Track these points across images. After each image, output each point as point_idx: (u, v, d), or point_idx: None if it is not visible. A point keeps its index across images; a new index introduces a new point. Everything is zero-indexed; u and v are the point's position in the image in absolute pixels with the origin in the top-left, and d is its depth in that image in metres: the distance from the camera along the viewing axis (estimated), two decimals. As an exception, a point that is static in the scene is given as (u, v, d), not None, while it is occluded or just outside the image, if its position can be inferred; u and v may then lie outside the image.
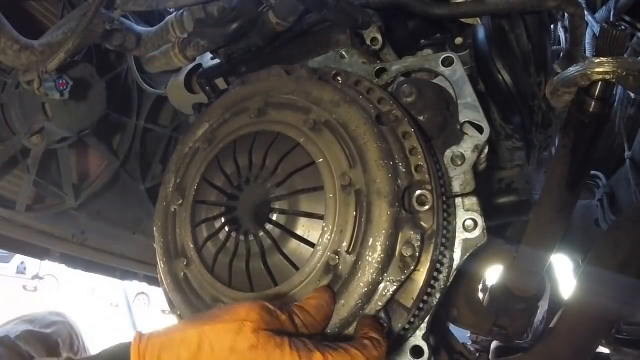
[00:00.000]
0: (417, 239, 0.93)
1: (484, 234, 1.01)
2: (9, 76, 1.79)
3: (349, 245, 0.94)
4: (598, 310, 1.24)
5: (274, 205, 1.02)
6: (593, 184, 2.49)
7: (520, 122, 1.38)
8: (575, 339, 1.26)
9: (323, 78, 1.14)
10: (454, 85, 1.11)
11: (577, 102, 0.88)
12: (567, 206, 1.08)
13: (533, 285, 1.27)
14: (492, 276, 1.35)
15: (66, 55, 1.43)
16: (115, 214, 2.33)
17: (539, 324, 1.44)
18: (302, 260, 0.97)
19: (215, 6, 1.51)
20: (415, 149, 1.01)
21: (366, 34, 1.26)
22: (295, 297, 0.96)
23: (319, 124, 1.02)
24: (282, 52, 1.34)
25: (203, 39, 1.41)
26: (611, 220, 2.28)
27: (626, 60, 0.78)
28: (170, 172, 1.24)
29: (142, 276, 2.83)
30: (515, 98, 1.31)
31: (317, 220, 0.98)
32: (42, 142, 1.83)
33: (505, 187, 1.49)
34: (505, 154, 1.46)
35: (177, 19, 1.59)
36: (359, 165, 0.97)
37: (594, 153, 0.96)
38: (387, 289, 0.94)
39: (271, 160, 1.05)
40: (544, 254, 1.18)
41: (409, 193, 0.98)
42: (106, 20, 1.59)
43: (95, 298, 14.21)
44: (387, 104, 1.06)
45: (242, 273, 1.03)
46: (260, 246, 1.01)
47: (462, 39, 1.38)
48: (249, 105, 1.14)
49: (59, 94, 1.52)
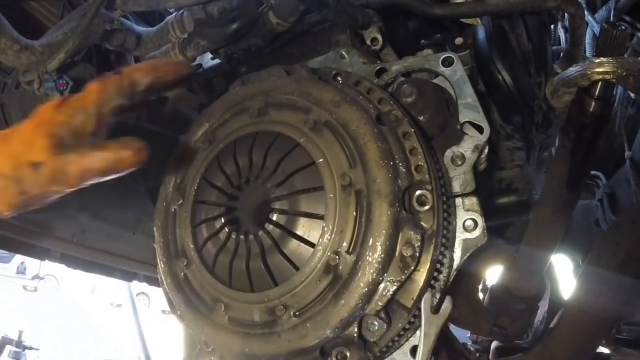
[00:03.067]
0: (417, 239, 0.93)
1: (484, 234, 1.01)
2: (9, 76, 1.78)
3: (349, 245, 0.94)
4: (598, 310, 1.24)
5: (274, 205, 1.02)
6: (593, 184, 2.49)
7: (520, 122, 1.38)
8: (575, 339, 1.26)
9: (323, 78, 1.14)
10: (454, 85, 1.11)
11: (577, 102, 0.88)
12: (567, 206, 1.08)
13: (533, 285, 1.27)
14: (492, 276, 1.35)
15: (66, 55, 1.43)
16: (115, 214, 2.32)
17: (539, 324, 1.44)
18: (302, 260, 0.97)
19: (215, 6, 1.51)
20: (415, 149, 1.01)
21: (366, 34, 1.26)
22: (295, 297, 0.96)
23: (319, 124, 1.02)
24: (282, 52, 1.35)
25: (203, 39, 1.41)
26: (611, 220, 2.28)
27: (626, 60, 0.78)
28: (170, 172, 1.24)
29: (142, 276, 2.82)
30: (515, 98, 1.31)
31: (317, 220, 0.98)
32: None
33: (505, 187, 1.49)
34: (505, 154, 1.46)
35: (177, 19, 1.59)
36: (359, 165, 0.97)
37: (594, 153, 0.96)
38: (387, 289, 0.94)
39: (271, 160, 1.05)
40: (544, 254, 1.18)
41: (409, 193, 0.98)
42: (106, 20, 1.59)
43: (95, 298, 14.23)
44: (387, 104, 1.06)
45: (242, 273, 1.03)
46: (260, 246, 1.01)
47: (462, 39, 1.38)
48: (249, 105, 1.14)
49: (59, 94, 1.52)
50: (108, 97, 0.94)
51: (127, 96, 0.97)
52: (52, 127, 0.89)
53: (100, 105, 0.93)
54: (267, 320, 0.99)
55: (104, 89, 0.94)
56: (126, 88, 0.97)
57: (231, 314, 1.03)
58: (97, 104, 0.93)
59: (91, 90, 0.94)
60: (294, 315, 0.96)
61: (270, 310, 0.98)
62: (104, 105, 0.94)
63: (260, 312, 0.99)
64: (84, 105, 0.92)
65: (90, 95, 0.93)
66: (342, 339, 0.95)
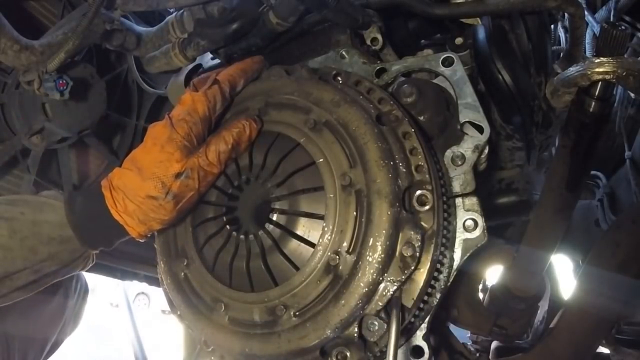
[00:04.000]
0: (417, 239, 0.93)
1: (484, 234, 1.01)
2: (9, 76, 1.78)
3: (349, 245, 0.94)
4: (598, 310, 1.24)
5: (274, 205, 1.02)
6: (593, 184, 2.49)
7: (520, 122, 1.38)
8: (575, 339, 1.26)
9: (323, 78, 1.14)
10: (454, 85, 1.11)
11: (577, 102, 0.88)
12: (567, 206, 1.08)
13: (533, 285, 1.27)
14: (492, 276, 1.35)
15: (66, 55, 1.43)
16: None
17: (539, 324, 1.44)
18: (303, 260, 0.97)
19: (215, 6, 1.51)
20: (415, 149, 1.01)
21: (366, 34, 1.26)
22: (295, 297, 0.96)
23: (319, 123, 1.02)
24: (282, 52, 1.34)
25: (203, 39, 1.41)
26: (611, 220, 2.28)
27: (626, 60, 0.78)
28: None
29: (142, 276, 2.82)
30: (515, 98, 1.31)
31: (317, 220, 0.98)
32: (42, 142, 1.82)
33: (505, 187, 1.49)
34: (505, 154, 1.46)
35: (177, 19, 1.59)
36: (359, 165, 0.97)
37: (594, 153, 0.96)
38: (387, 289, 0.93)
39: (271, 160, 1.06)
40: (544, 254, 1.18)
41: (409, 193, 0.98)
42: (106, 20, 1.59)
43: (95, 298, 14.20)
44: (387, 104, 1.06)
45: (242, 273, 1.03)
46: (260, 246, 1.01)
47: (462, 39, 1.38)
48: (249, 105, 1.14)
49: (59, 94, 1.52)
50: (214, 105, 1.07)
51: (229, 100, 1.12)
52: (177, 142, 1.02)
53: (210, 114, 1.07)
54: (267, 320, 0.99)
55: (210, 98, 1.06)
56: (227, 93, 1.10)
57: (231, 314, 1.03)
58: (208, 114, 1.06)
59: (199, 102, 1.05)
60: (294, 315, 0.96)
61: (270, 310, 0.98)
62: (213, 112, 1.08)
63: (261, 312, 0.99)
64: (197, 118, 1.04)
65: (200, 107, 1.05)
66: (342, 339, 0.95)
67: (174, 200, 1.02)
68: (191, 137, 1.03)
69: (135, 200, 1.02)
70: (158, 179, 1.01)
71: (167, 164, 1.01)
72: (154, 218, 1.04)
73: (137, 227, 1.05)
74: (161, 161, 1.01)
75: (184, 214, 1.09)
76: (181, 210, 1.05)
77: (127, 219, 1.04)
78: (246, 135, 1.06)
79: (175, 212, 1.04)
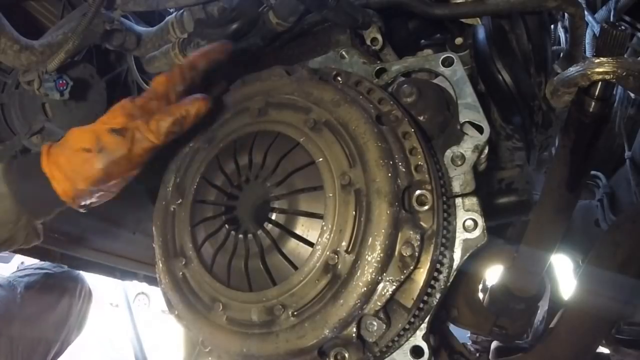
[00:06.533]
0: (417, 238, 0.93)
1: (484, 234, 1.01)
2: (9, 76, 1.78)
3: (348, 244, 0.93)
4: (598, 310, 1.23)
5: (273, 204, 1.02)
6: (593, 184, 2.49)
7: (520, 122, 1.37)
8: (575, 339, 1.26)
9: (323, 78, 1.14)
10: (454, 85, 1.10)
11: (577, 102, 0.88)
12: (567, 206, 1.08)
13: (533, 285, 1.27)
14: (492, 276, 1.35)
15: (66, 55, 1.43)
16: (115, 214, 2.32)
17: (539, 324, 1.44)
18: (301, 259, 0.97)
19: (215, 6, 1.52)
20: (415, 148, 1.01)
21: (366, 34, 1.26)
22: (294, 296, 0.96)
23: (319, 123, 1.02)
24: (282, 52, 1.34)
25: (203, 39, 1.41)
26: (611, 220, 2.28)
27: (626, 60, 0.78)
28: (170, 172, 1.24)
29: (142, 276, 2.82)
30: (515, 98, 1.31)
31: (317, 219, 0.98)
32: (42, 142, 1.82)
33: (505, 187, 1.48)
34: (505, 154, 1.46)
35: (177, 19, 1.59)
36: (358, 165, 0.97)
37: (594, 153, 0.96)
38: (386, 289, 0.93)
39: (271, 159, 1.05)
40: (544, 254, 1.18)
41: (409, 193, 0.98)
42: (106, 20, 1.59)
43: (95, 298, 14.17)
44: (387, 104, 1.06)
45: (240, 272, 1.03)
46: (259, 245, 1.01)
47: (462, 39, 1.38)
48: (249, 105, 1.14)
49: (59, 94, 1.52)
50: (173, 85, 1.12)
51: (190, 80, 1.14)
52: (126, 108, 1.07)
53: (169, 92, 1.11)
54: (266, 320, 0.99)
55: (170, 78, 1.12)
56: (187, 73, 1.14)
57: (229, 314, 1.03)
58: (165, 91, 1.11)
59: (160, 82, 1.12)
60: (292, 315, 0.96)
61: (268, 310, 0.98)
62: (172, 91, 1.12)
63: (259, 311, 0.99)
64: (156, 94, 1.11)
65: (160, 86, 1.11)
66: (340, 339, 0.95)
67: (101, 154, 1.03)
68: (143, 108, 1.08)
69: (67, 152, 1.05)
70: (94, 133, 1.05)
71: (107, 121, 1.06)
72: (80, 174, 1.04)
73: (62, 182, 1.05)
74: (105, 121, 1.07)
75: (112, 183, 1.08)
76: (108, 173, 1.05)
77: (54, 172, 1.05)
78: (193, 112, 1.08)
79: (101, 172, 1.04)
